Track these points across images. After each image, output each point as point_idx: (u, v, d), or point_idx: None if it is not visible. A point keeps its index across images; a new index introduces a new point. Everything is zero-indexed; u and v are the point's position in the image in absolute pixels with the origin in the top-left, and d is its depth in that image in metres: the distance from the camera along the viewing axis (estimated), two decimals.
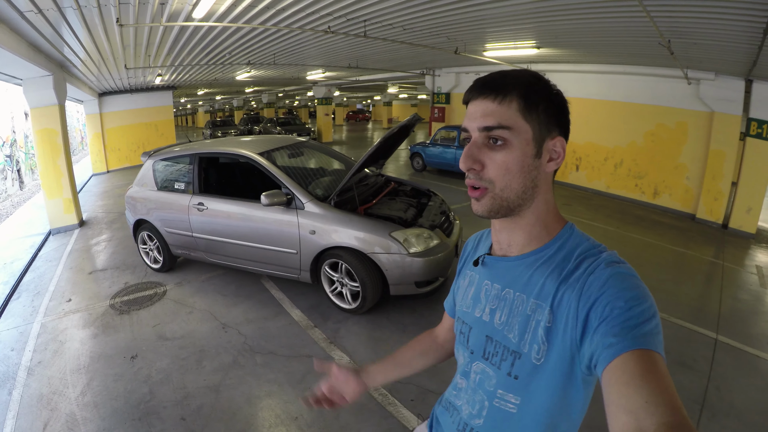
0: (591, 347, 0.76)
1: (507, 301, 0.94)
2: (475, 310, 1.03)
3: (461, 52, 8.65)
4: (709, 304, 4.89)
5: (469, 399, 1.03)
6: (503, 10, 5.52)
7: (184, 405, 3.17)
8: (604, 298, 0.76)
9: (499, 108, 0.85)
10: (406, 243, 3.95)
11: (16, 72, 6.85)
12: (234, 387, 3.34)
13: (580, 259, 0.86)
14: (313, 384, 3.33)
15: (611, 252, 0.86)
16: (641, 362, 0.67)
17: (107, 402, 3.24)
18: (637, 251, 6.58)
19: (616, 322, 0.72)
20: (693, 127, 8.82)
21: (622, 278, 0.78)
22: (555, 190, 0.98)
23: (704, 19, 4.76)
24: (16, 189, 12.79)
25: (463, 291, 1.11)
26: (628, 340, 0.70)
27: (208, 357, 3.75)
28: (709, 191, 8.58)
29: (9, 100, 12.55)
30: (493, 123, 0.85)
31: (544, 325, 0.85)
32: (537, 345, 0.86)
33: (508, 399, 0.92)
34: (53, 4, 4.40)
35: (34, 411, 3.19)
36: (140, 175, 5.58)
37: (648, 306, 0.74)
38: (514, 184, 0.87)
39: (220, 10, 5.37)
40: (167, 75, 12.76)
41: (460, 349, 1.08)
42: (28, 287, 5.49)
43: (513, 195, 0.87)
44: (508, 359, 0.91)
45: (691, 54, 6.69)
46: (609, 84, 10.09)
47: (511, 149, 0.85)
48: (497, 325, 0.95)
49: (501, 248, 1.00)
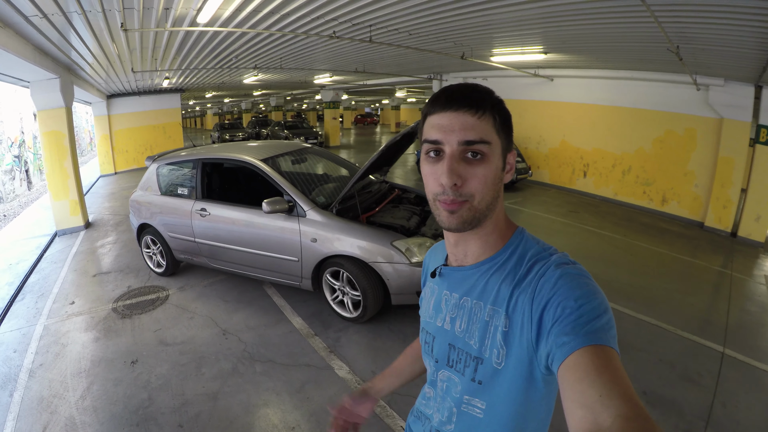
0: (546, 347, 0.77)
1: (466, 309, 0.96)
2: (437, 319, 1.04)
3: (468, 58, 8.62)
4: (717, 315, 4.82)
5: (438, 407, 1.04)
6: (510, 15, 5.47)
7: (182, 412, 3.16)
8: (555, 299, 0.78)
9: (479, 122, 0.85)
10: (408, 252, 3.92)
11: (23, 75, 6.90)
12: (232, 395, 3.33)
13: (532, 262, 0.88)
14: (311, 394, 3.32)
15: (562, 254, 0.89)
16: (594, 358, 0.68)
17: (106, 407, 3.25)
18: (645, 260, 6.51)
19: (567, 321, 0.74)
20: (702, 133, 8.72)
21: (571, 278, 0.80)
22: (562, 196, 0.98)
23: (714, 25, 4.69)
24: (24, 189, 12.89)
25: (426, 302, 1.12)
26: (581, 337, 0.71)
27: (207, 364, 3.74)
28: (718, 199, 8.48)
29: (18, 101, 12.67)
30: (476, 137, 0.85)
31: (501, 330, 0.87)
32: (496, 350, 0.87)
33: (474, 404, 0.94)
34: (58, 8, 4.41)
35: (34, 413, 3.21)
36: (144, 179, 5.60)
37: (598, 303, 0.76)
38: (488, 196, 0.88)
39: (224, 15, 5.37)
40: (174, 78, 12.80)
41: (426, 358, 1.10)
42: (32, 289, 5.53)
43: (485, 206, 0.88)
44: (471, 365, 0.92)
45: (700, 59, 6.61)
46: (617, 90, 10.00)
47: (490, 163, 0.86)
48: (458, 332, 0.96)
49: (456, 259, 1.02)
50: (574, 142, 11.30)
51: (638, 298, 5.02)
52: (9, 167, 11.94)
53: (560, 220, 8.55)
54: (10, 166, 12.04)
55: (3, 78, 7.11)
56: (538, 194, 11.09)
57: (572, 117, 11.19)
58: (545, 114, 11.67)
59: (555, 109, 11.47)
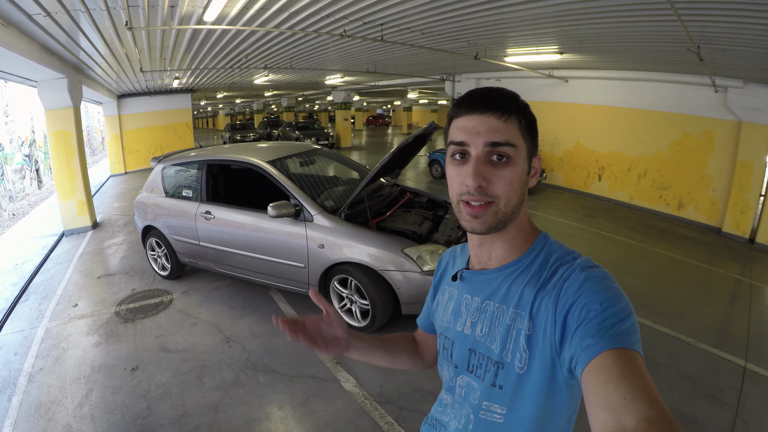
0: (570, 351, 0.77)
1: (487, 313, 0.95)
2: (456, 324, 1.03)
3: (481, 58, 8.47)
4: (737, 327, 4.62)
5: (455, 414, 1.03)
6: (525, 13, 5.32)
7: (181, 424, 3.05)
8: (580, 302, 0.78)
9: (505, 126, 0.86)
10: (420, 260, 3.77)
11: (30, 74, 6.86)
12: (233, 407, 3.21)
13: (556, 266, 0.89)
14: (315, 408, 3.19)
15: (585, 257, 0.89)
16: (619, 361, 0.68)
17: (104, 415, 3.17)
18: (662, 268, 6.31)
19: (592, 324, 0.74)
20: (720, 136, 8.47)
21: (596, 281, 0.80)
22: (576, 200, 0.88)
23: (736, 24, 4.52)
24: (34, 188, 12.96)
25: (443, 306, 1.11)
26: (605, 340, 0.71)
27: (209, 373, 3.62)
28: (736, 204, 8.22)
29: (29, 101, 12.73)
30: (502, 139, 0.85)
31: (524, 334, 0.86)
32: (519, 353, 0.87)
33: (493, 410, 0.93)
34: (61, 7, 4.34)
35: (31, 420, 3.15)
36: (149, 181, 5.52)
37: (623, 306, 0.76)
38: (513, 199, 0.88)
39: (231, 13, 5.27)
40: (184, 78, 12.78)
41: (444, 364, 1.08)
42: (36, 290, 5.49)
43: (511, 210, 0.89)
44: (492, 370, 0.92)
45: (719, 60, 6.41)
46: (633, 91, 9.78)
47: (515, 166, 0.87)
48: (479, 337, 0.96)
49: (480, 262, 1.01)
50: (589, 145, 11.09)
51: (657, 308, 4.85)
52: (19, 166, 11.99)
53: (575, 225, 8.37)
54: (21, 165, 12.09)
55: (10, 78, 7.09)
56: (552, 198, 10.90)
57: (587, 119, 10.98)
58: (560, 116, 11.45)
59: (570, 110, 11.25)
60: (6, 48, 4.67)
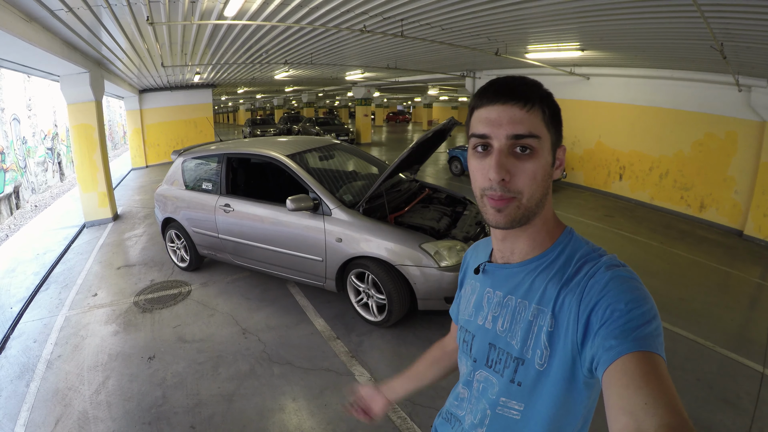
0: (592, 350, 0.76)
1: (509, 308, 0.94)
2: (478, 318, 1.02)
3: (502, 54, 8.36)
4: (756, 332, 4.49)
5: (471, 408, 1.03)
6: (546, 9, 5.23)
7: (196, 413, 3.08)
8: (604, 301, 0.76)
9: (528, 116, 0.83)
10: (437, 256, 3.73)
11: (53, 69, 6.98)
12: (247, 398, 3.22)
13: (581, 263, 0.87)
14: (330, 400, 3.19)
15: (611, 255, 0.87)
16: (641, 364, 0.67)
17: (120, 402, 3.21)
18: (683, 270, 6.17)
19: (616, 325, 0.73)
20: (743, 137, 8.23)
21: (622, 281, 0.78)
22: (596, 200, 0.86)
23: (760, 21, 4.39)
24: (56, 181, 13.18)
25: (466, 300, 1.10)
26: (629, 343, 0.70)
27: (224, 363, 3.65)
28: (759, 207, 7.98)
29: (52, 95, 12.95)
30: (524, 131, 0.83)
31: (546, 330, 0.85)
32: (540, 350, 0.86)
33: (511, 406, 0.92)
34: (83, 2, 4.38)
35: (48, 405, 3.21)
36: (170, 174, 5.57)
37: (648, 308, 0.74)
38: (537, 193, 0.86)
39: (252, 9, 5.28)
40: (205, 73, 12.88)
41: (463, 358, 1.08)
42: (57, 279, 5.58)
43: (534, 204, 0.87)
44: (511, 366, 0.91)
45: (743, 58, 6.25)
46: (655, 89, 9.58)
47: (539, 158, 0.85)
48: (500, 332, 0.95)
49: (503, 256, 1.00)
50: (610, 144, 10.90)
51: (676, 311, 4.74)
52: (42, 159, 12.21)
53: (594, 224, 8.25)
54: (43, 158, 12.31)
55: (33, 72, 7.21)
56: (571, 197, 10.76)
57: (609, 117, 10.79)
58: (581, 114, 11.26)
59: (591, 108, 11.08)
60: (29, 43, 4.74)
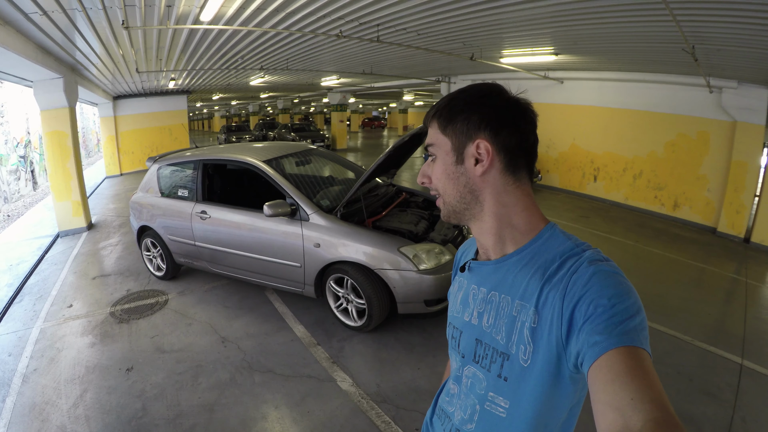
0: (577, 346, 0.76)
1: (493, 303, 0.95)
2: (464, 314, 1.04)
3: (477, 59, 8.47)
4: (733, 325, 4.64)
5: (461, 404, 1.04)
6: (521, 14, 5.33)
7: (177, 424, 3.04)
8: (588, 297, 0.77)
9: (431, 131, 0.99)
10: (416, 259, 3.75)
11: (26, 74, 6.82)
12: (229, 407, 3.19)
13: (564, 258, 0.87)
14: (311, 408, 3.18)
15: (595, 250, 0.87)
16: (627, 359, 0.68)
17: (99, 416, 3.15)
18: (658, 267, 6.33)
19: (600, 320, 0.73)
20: (715, 137, 8.51)
21: (605, 276, 0.79)
22: (572, 201, 0.88)
23: (730, 24, 4.54)
24: (29, 189, 12.88)
25: (454, 296, 1.13)
26: (613, 338, 0.71)
27: (204, 373, 3.61)
28: (731, 204, 8.26)
29: (24, 101, 12.67)
30: (428, 142, 1.00)
31: (529, 326, 0.86)
32: (524, 346, 0.87)
33: (498, 402, 0.93)
34: (57, 6, 4.32)
35: (25, 420, 3.13)
36: (145, 181, 5.50)
37: (632, 303, 0.75)
38: (449, 190, 0.97)
39: (228, 13, 5.26)
40: (180, 79, 12.74)
41: (453, 353, 1.10)
42: (31, 290, 5.46)
43: (453, 200, 0.97)
44: (498, 361, 0.92)
45: (714, 61, 6.46)
46: (628, 92, 9.82)
47: (439, 160, 0.98)
48: (485, 327, 0.96)
49: (484, 253, 1.04)
50: (584, 146, 11.11)
51: (653, 307, 4.86)
52: (14, 167, 11.93)
53: (570, 225, 8.37)
54: (15, 167, 12.03)
55: (6, 77, 7.04)
56: (547, 199, 10.92)
57: (583, 120, 11.01)
58: (555, 117, 11.45)
59: (565, 112, 11.27)
60: (2, 47, 4.64)
